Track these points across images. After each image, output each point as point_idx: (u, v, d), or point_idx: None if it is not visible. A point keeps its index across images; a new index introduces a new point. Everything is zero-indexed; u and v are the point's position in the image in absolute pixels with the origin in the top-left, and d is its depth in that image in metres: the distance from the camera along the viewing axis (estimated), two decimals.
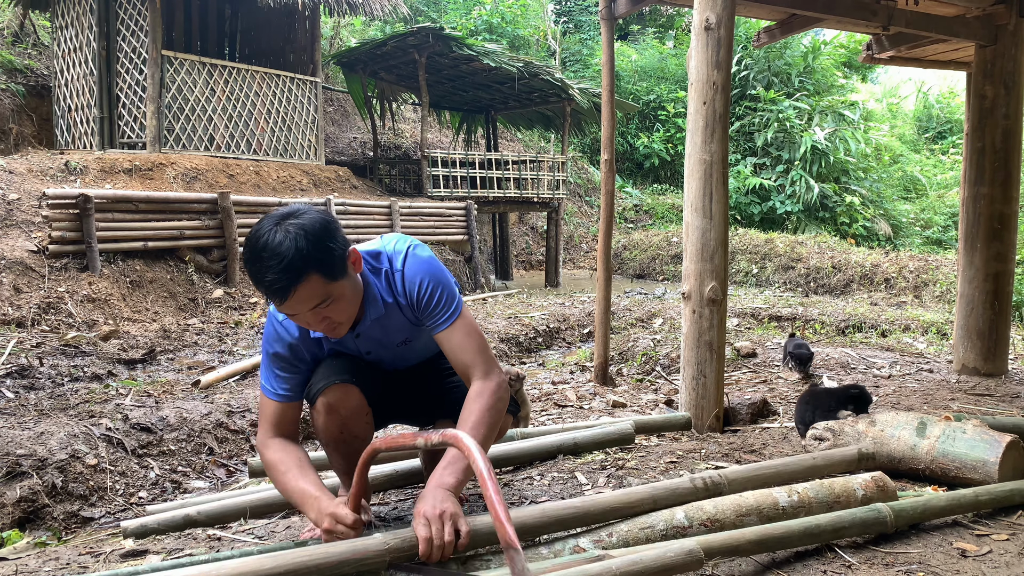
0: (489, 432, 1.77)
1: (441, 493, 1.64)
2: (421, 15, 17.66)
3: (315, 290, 1.63)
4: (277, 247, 1.59)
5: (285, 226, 1.61)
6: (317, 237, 1.62)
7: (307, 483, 1.76)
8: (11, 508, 3.02)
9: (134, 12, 9.18)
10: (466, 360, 1.83)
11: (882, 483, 2.11)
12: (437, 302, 1.83)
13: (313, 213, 1.68)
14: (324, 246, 1.63)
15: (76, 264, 6.57)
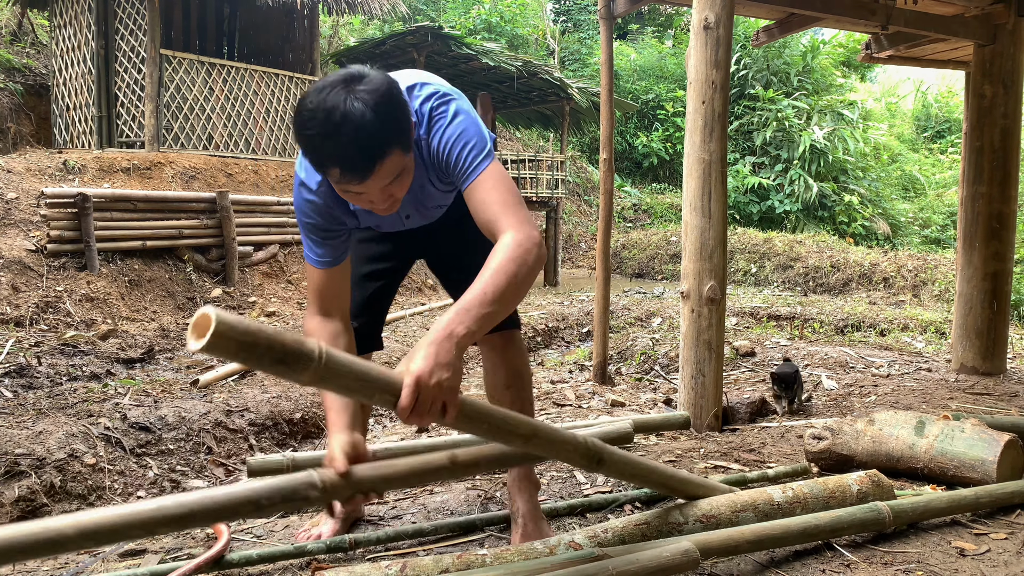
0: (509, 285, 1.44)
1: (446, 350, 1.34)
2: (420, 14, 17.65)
3: (394, 166, 1.45)
4: (360, 120, 1.36)
5: (359, 94, 1.38)
6: (396, 106, 1.43)
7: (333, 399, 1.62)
8: (9, 508, 3.02)
9: (132, 11, 9.17)
10: (488, 216, 1.55)
11: (877, 479, 2.12)
12: (458, 159, 1.59)
13: (379, 77, 1.45)
14: (404, 116, 1.45)
15: (74, 263, 6.56)
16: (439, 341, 1.35)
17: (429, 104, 1.62)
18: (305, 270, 1.78)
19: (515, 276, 1.45)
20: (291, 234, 8.81)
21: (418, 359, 1.32)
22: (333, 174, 1.41)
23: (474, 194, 1.57)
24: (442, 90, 1.65)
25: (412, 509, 2.24)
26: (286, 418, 4.31)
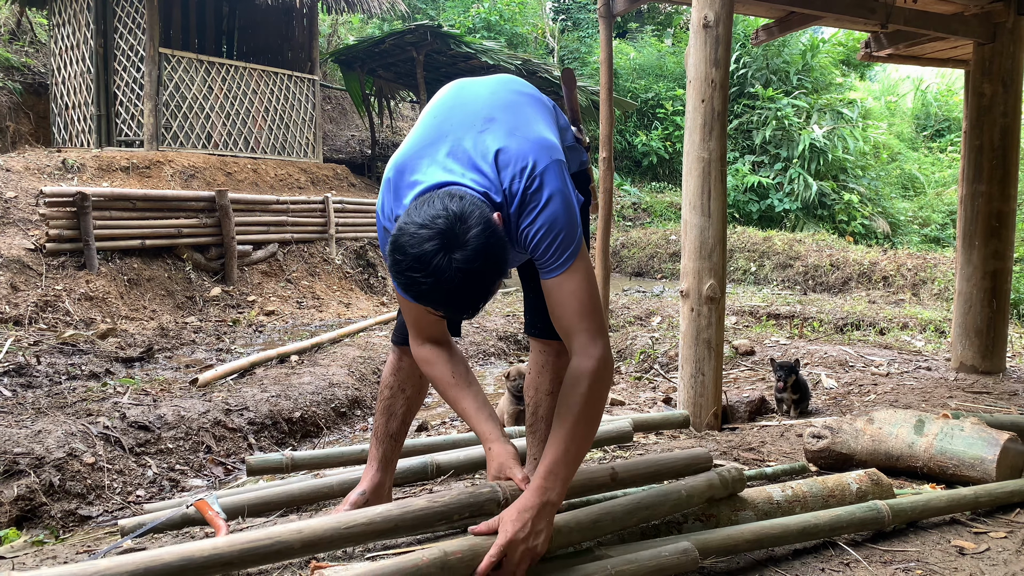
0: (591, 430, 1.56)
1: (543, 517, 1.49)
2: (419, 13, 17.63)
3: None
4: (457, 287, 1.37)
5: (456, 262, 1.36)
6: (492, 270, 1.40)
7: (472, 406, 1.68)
8: (8, 507, 3.02)
9: (131, 10, 9.16)
10: (565, 323, 1.59)
11: (876, 477, 2.12)
12: (545, 251, 1.56)
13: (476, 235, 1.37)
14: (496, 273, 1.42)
15: (73, 262, 6.56)
16: (536, 508, 1.49)
17: (522, 183, 1.53)
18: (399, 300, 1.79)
19: (596, 418, 1.57)
20: (290, 233, 8.81)
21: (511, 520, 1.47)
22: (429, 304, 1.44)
23: (554, 292, 1.59)
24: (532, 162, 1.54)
25: None
26: (285, 417, 4.31)
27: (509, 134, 1.59)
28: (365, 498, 2.04)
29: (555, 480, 1.50)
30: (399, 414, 2.03)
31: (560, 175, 1.56)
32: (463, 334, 6.96)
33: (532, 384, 2.02)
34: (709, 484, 1.87)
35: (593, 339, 1.56)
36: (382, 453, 2.06)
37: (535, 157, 1.55)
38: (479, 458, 2.57)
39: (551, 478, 1.50)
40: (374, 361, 5.53)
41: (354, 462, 2.59)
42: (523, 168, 1.54)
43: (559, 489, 1.51)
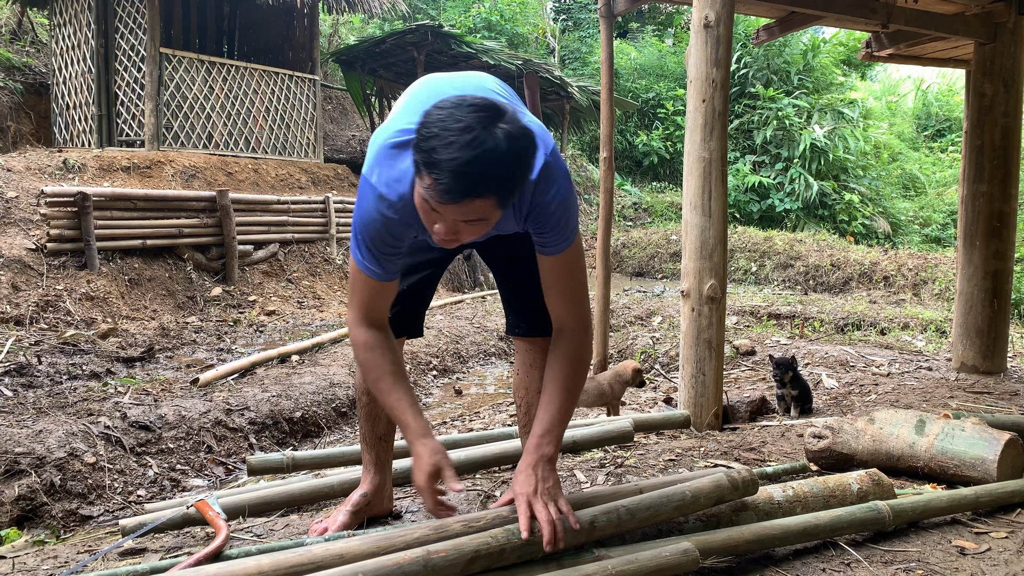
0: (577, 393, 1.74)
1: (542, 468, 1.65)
2: (420, 13, 17.63)
3: (482, 210, 1.42)
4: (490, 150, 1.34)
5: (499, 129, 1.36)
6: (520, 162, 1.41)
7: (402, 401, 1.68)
8: (9, 506, 3.02)
9: (132, 10, 9.16)
10: (559, 298, 1.71)
11: (877, 477, 2.11)
12: (557, 223, 1.62)
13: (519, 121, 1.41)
14: (521, 175, 1.43)
15: (74, 262, 6.56)
16: (534, 464, 1.65)
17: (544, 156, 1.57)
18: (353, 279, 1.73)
19: (581, 382, 1.73)
20: (291, 233, 8.81)
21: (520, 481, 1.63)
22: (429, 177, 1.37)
23: (559, 266, 1.68)
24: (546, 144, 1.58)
25: (413, 508, 2.24)
26: (286, 417, 4.31)
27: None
28: (367, 500, 2.04)
29: (550, 437, 1.68)
30: (383, 416, 2.03)
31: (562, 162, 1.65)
32: (464, 333, 6.96)
33: (522, 384, 2.04)
34: (716, 485, 1.86)
35: (582, 312, 1.72)
36: (375, 457, 2.07)
37: (546, 139, 1.59)
38: (479, 458, 2.57)
39: (547, 436, 1.68)
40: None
41: (355, 462, 2.59)
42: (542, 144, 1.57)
43: (555, 444, 1.69)
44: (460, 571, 1.50)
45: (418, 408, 1.70)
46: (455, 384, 5.83)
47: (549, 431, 1.68)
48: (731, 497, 1.88)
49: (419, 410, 1.70)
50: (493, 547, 1.54)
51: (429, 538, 1.59)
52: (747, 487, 1.90)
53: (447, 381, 5.96)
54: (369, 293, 1.71)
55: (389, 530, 1.68)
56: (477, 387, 5.85)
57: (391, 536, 1.60)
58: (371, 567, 1.44)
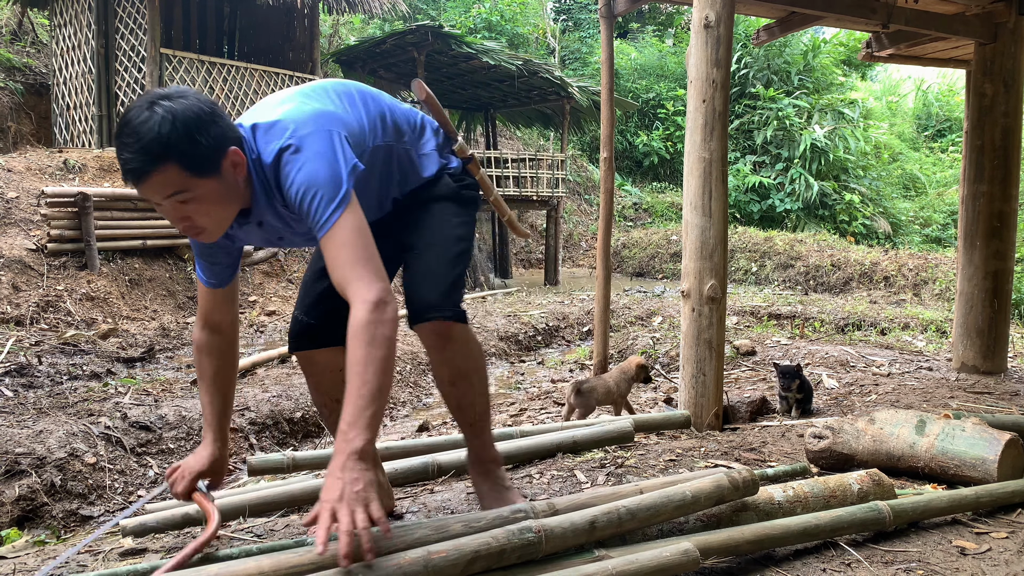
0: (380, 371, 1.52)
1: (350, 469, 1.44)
2: (420, 13, 17.63)
3: (171, 180, 1.51)
4: (139, 127, 1.48)
5: (156, 107, 1.49)
6: (185, 126, 1.49)
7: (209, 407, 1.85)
8: (10, 507, 3.02)
9: (133, 10, 9.16)
10: (339, 276, 1.59)
11: (877, 478, 2.11)
12: (309, 209, 1.60)
13: (192, 99, 1.54)
14: (190, 136, 1.50)
15: (75, 262, 6.56)
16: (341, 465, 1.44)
17: (280, 141, 1.62)
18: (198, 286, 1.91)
19: (381, 359, 1.52)
20: None
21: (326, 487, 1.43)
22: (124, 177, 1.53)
23: (328, 247, 1.60)
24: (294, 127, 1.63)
25: (413, 508, 2.24)
26: (286, 417, 4.31)
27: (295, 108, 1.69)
28: None
29: (357, 427, 1.48)
30: None
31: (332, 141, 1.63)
32: None
33: (437, 381, 2.05)
34: (717, 486, 1.85)
35: (369, 285, 1.56)
36: None
37: (301, 124, 1.63)
38: None
39: (352, 428, 1.47)
40: None
41: None
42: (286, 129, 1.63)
43: (364, 435, 1.47)
44: (460, 571, 1.50)
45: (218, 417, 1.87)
46: None
47: (353, 422, 1.48)
48: (732, 497, 1.88)
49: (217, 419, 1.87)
50: (493, 547, 1.53)
51: (429, 538, 1.59)
52: (747, 487, 1.90)
53: None
54: (202, 298, 1.87)
55: None
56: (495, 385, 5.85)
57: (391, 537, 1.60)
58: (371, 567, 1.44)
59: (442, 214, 1.97)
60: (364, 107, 1.85)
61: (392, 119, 1.92)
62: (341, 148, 1.63)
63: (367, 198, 1.82)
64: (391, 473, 2.45)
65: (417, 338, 2.07)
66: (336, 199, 1.58)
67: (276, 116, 1.66)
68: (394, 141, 1.91)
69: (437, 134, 2.04)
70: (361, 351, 1.52)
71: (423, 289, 1.89)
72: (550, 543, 1.60)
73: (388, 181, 1.94)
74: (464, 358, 1.96)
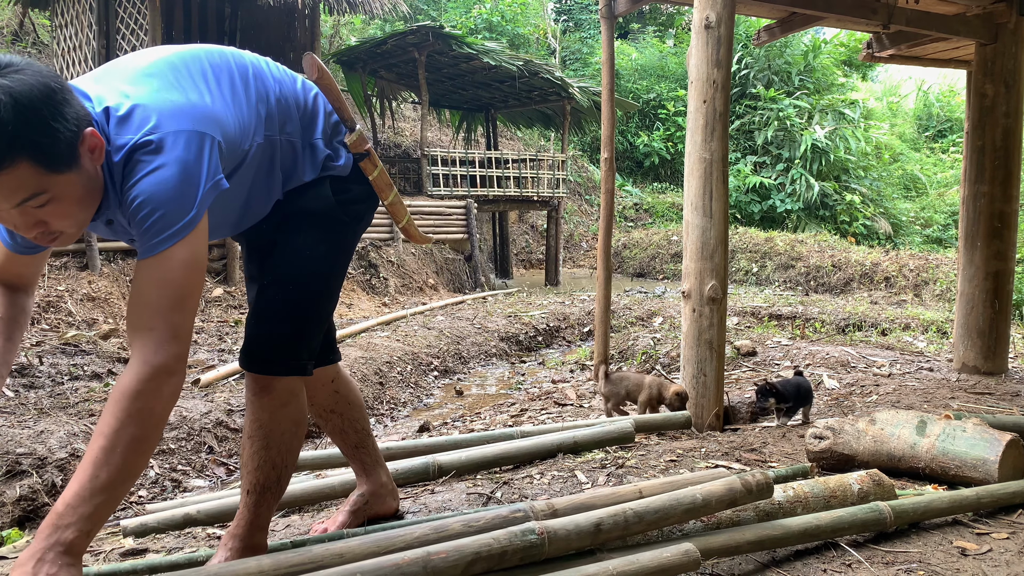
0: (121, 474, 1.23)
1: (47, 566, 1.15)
2: (421, 14, 17.64)
3: (22, 181, 1.19)
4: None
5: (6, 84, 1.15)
6: (33, 109, 1.17)
7: None
8: (11, 507, 3.02)
9: (134, 11, 9.17)
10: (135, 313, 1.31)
11: (878, 478, 2.11)
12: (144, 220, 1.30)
13: (34, 73, 1.19)
14: (42, 123, 1.18)
15: (76, 263, 6.57)
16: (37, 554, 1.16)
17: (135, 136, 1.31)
18: None
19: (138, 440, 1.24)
20: None
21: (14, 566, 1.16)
22: None
23: (141, 273, 1.32)
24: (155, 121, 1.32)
25: (414, 508, 2.24)
26: None
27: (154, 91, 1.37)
28: (365, 499, 2.06)
29: (76, 514, 1.18)
30: (347, 428, 2.04)
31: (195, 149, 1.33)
32: (464, 334, 6.96)
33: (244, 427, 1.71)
34: (729, 489, 1.82)
35: (159, 344, 1.28)
36: (361, 465, 2.09)
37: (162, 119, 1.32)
38: (481, 458, 2.57)
39: (71, 513, 1.18)
40: (375, 362, 5.54)
41: None
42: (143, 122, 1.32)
43: (82, 527, 1.18)
44: (460, 572, 1.50)
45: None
46: (456, 385, 5.84)
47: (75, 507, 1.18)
48: (744, 501, 1.85)
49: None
50: (494, 549, 1.53)
51: (429, 538, 1.59)
52: (761, 491, 1.86)
53: (448, 382, 5.96)
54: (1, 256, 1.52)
55: (389, 531, 1.68)
56: (478, 388, 5.86)
57: (391, 536, 1.60)
58: (370, 567, 1.44)
59: (304, 242, 1.63)
60: (245, 93, 1.51)
61: (277, 102, 1.58)
62: (208, 160, 1.34)
63: (230, 211, 1.57)
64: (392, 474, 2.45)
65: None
66: (177, 225, 1.30)
67: (135, 100, 1.34)
68: (277, 132, 1.58)
69: (328, 119, 1.68)
70: (115, 423, 1.23)
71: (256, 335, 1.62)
72: (553, 545, 1.59)
73: (268, 182, 1.61)
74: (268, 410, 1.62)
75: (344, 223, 1.70)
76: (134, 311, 1.31)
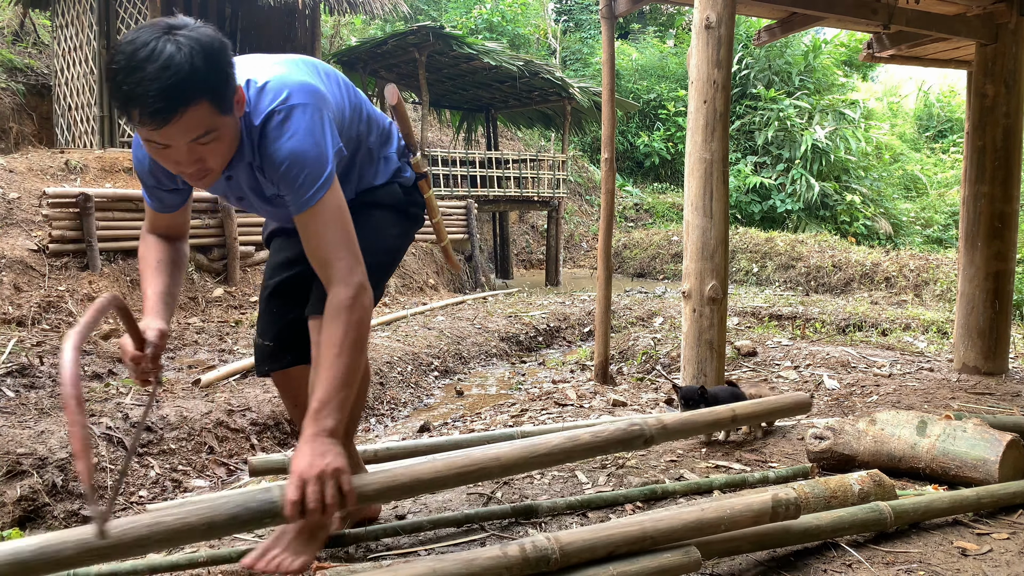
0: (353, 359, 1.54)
1: (321, 443, 1.46)
2: (421, 14, 17.65)
3: (202, 119, 1.38)
4: (169, 59, 1.30)
5: (176, 37, 1.33)
6: (215, 57, 1.37)
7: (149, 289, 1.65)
8: (12, 507, 3.03)
9: (134, 11, 9.17)
10: (319, 256, 1.57)
11: (878, 478, 2.11)
12: (292, 182, 1.54)
13: (207, 28, 1.40)
14: (221, 69, 1.39)
15: (76, 263, 6.57)
16: (310, 439, 1.46)
17: (272, 104, 1.54)
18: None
19: (356, 340, 1.54)
20: None
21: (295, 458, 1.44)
22: (134, 117, 1.35)
23: (306, 226, 1.57)
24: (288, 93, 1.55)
25: (415, 508, 2.24)
26: (287, 417, 4.31)
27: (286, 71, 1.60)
28: None
29: (328, 408, 1.50)
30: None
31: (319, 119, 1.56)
32: (465, 334, 6.96)
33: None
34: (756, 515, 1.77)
35: (351, 268, 1.56)
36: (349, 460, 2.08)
37: (292, 92, 1.55)
38: None
39: (324, 408, 1.50)
40: (376, 362, 5.54)
41: None
42: (280, 93, 1.54)
43: (335, 416, 1.51)
44: None
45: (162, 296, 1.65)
46: (456, 385, 5.84)
47: (326, 402, 1.50)
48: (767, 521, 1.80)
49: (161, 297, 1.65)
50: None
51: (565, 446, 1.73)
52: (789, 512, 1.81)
53: (448, 382, 5.96)
54: (148, 216, 1.75)
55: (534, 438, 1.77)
56: (478, 388, 5.85)
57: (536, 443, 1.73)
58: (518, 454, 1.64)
59: (382, 221, 1.90)
60: (346, 94, 1.79)
61: (367, 114, 1.87)
62: (329, 129, 1.59)
63: None
64: None
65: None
66: (321, 179, 1.54)
67: (269, 76, 1.57)
68: (364, 137, 1.85)
69: (399, 143, 1.99)
70: (339, 332, 1.52)
71: None
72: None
73: (349, 174, 1.86)
74: None
75: (410, 216, 1.97)
76: (318, 252, 1.57)
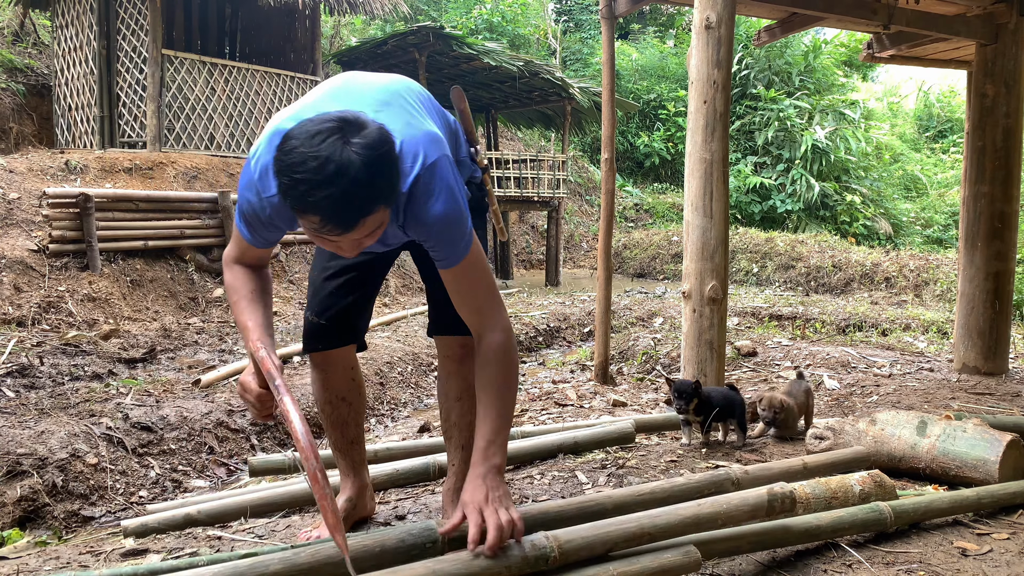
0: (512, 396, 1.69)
1: (492, 479, 1.57)
2: (421, 14, 17.64)
3: (376, 221, 1.42)
4: (355, 179, 1.32)
5: (353, 148, 1.34)
6: (390, 165, 1.40)
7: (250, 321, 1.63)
8: (12, 507, 3.03)
9: (134, 11, 9.17)
10: (471, 307, 1.68)
11: (879, 479, 2.11)
12: (440, 240, 1.61)
13: (376, 130, 1.39)
14: (394, 174, 1.42)
15: (76, 263, 6.57)
16: (484, 475, 1.58)
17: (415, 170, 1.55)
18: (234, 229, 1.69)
19: (514, 384, 1.69)
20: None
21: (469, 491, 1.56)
22: (312, 220, 1.37)
23: (457, 280, 1.67)
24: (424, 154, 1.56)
25: (415, 509, 2.24)
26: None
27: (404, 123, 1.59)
28: (352, 504, 2.08)
29: (496, 447, 1.62)
30: (351, 420, 2.06)
31: (449, 169, 1.61)
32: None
33: (442, 391, 2.06)
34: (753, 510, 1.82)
35: (502, 313, 1.69)
36: (351, 461, 2.09)
37: (426, 150, 1.57)
38: None
39: (492, 446, 1.61)
40: (376, 362, 5.54)
41: None
42: (415, 156, 1.55)
43: (501, 453, 1.63)
44: None
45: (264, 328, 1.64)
46: None
47: (493, 441, 1.62)
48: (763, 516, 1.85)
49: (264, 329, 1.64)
50: None
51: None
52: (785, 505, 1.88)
53: None
54: (241, 248, 1.73)
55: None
56: None
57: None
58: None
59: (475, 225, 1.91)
60: (440, 118, 1.81)
61: (452, 128, 1.90)
62: (456, 176, 1.63)
63: None
64: (392, 474, 2.46)
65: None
66: (466, 233, 1.62)
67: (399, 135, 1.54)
68: (455, 151, 1.86)
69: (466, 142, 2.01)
70: (501, 375, 1.66)
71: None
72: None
73: None
74: None
75: (481, 212, 2.03)
76: (471, 302, 1.68)
